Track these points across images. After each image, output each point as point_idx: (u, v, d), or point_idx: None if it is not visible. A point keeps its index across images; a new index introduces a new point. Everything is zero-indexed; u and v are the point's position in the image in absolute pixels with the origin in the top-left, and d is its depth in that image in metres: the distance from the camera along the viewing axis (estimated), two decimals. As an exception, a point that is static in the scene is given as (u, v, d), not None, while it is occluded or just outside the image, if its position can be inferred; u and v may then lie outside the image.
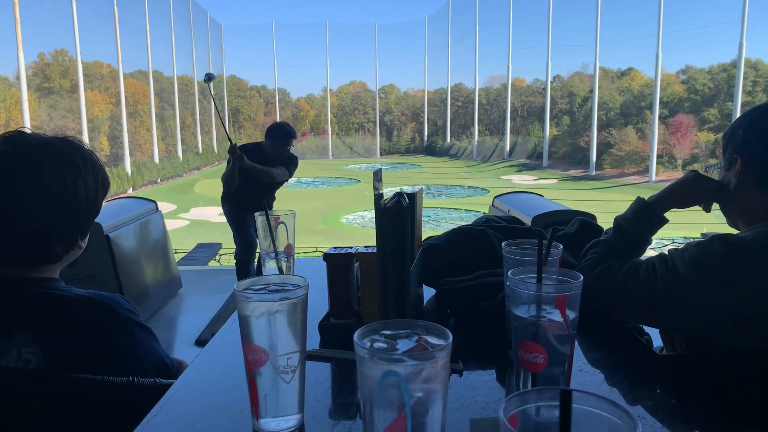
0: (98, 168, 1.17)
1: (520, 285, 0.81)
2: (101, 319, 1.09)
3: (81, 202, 1.12)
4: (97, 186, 1.16)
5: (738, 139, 1.19)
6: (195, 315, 4.59)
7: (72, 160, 1.12)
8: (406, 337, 0.62)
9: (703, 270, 1.10)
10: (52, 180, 1.08)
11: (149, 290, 4.59)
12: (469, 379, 0.97)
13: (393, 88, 52.26)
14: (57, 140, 1.14)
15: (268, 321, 0.78)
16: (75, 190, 1.11)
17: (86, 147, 1.18)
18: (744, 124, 1.19)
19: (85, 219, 1.15)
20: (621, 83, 38.50)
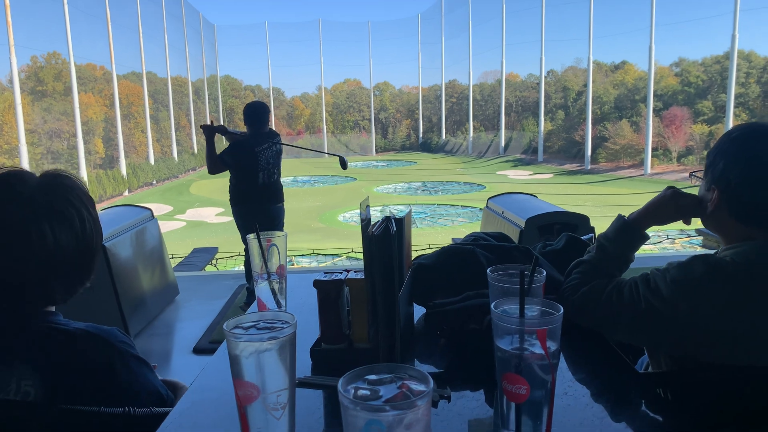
0: (88, 207, 1.17)
1: (503, 318, 0.84)
2: (99, 352, 1.11)
3: (85, 239, 1.13)
4: (87, 226, 1.14)
5: (718, 171, 1.20)
6: (192, 322, 4.61)
7: (57, 208, 1.11)
8: (389, 382, 0.64)
9: (684, 290, 1.12)
10: (34, 232, 1.07)
11: (146, 298, 4.60)
12: (457, 406, 0.99)
13: (387, 86, 52.26)
14: (41, 186, 1.12)
15: (257, 360, 0.80)
16: (63, 237, 1.11)
17: (73, 184, 1.17)
18: (726, 155, 1.20)
19: (89, 255, 1.17)
20: (615, 77, 38.56)
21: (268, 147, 4.84)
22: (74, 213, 1.13)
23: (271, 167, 4.87)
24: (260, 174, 4.82)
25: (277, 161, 4.93)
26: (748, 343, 1.11)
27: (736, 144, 1.20)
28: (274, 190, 4.95)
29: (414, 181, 31.60)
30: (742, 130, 1.23)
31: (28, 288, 1.11)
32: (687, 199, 1.29)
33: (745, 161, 1.17)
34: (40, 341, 1.10)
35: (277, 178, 4.96)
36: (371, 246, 1.08)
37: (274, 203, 4.95)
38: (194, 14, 42.63)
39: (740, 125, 1.26)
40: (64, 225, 1.11)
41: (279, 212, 5.00)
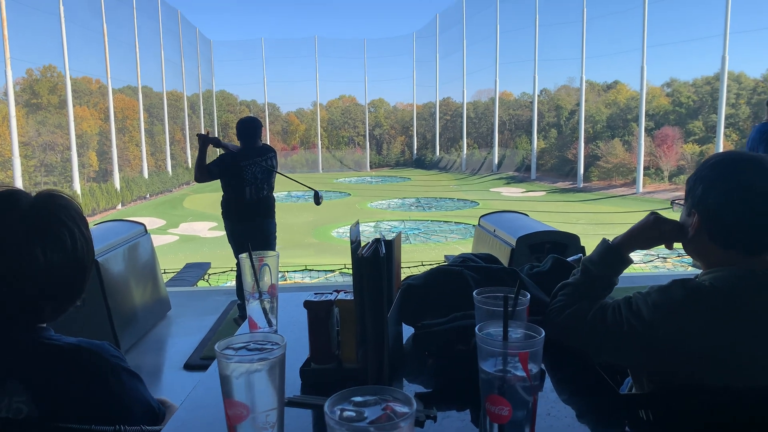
0: (86, 221, 1.20)
1: (486, 341, 0.87)
2: (90, 366, 1.13)
3: (76, 258, 1.15)
4: (79, 246, 1.16)
5: (697, 195, 1.24)
6: (184, 338, 4.60)
7: (50, 229, 1.12)
8: (374, 404, 0.67)
9: (664, 314, 1.15)
10: (24, 253, 1.09)
11: (138, 314, 4.59)
12: (443, 426, 1.01)
13: (382, 103, 52.57)
14: (34, 206, 1.14)
15: (247, 380, 0.82)
16: (55, 259, 1.13)
17: (67, 203, 1.18)
18: (705, 181, 1.24)
19: (81, 274, 1.18)
20: (607, 96, 38.95)
21: (255, 162, 4.89)
22: (66, 233, 1.14)
23: (259, 182, 4.90)
24: (247, 189, 4.86)
25: (266, 177, 4.94)
26: (727, 366, 1.14)
27: (714, 170, 1.24)
28: (265, 206, 4.96)
29: (408, 197, 31.69)
30: (720, 157, 1.27)
31: (17, 307, 1.13)
32: (669, 224, 1.33)
33: (722, 186, 1.21)
34: (32, 358, 1.11)
35: (267, 194, 4.98)
36: (361, 268, 1.11)
37: (263, 218, 4.96)
38: (191, 30, 42.88)
39: (717, 153, 1.31)
40: (56, 245, 1.12)
41: (269, 228, 5.01)
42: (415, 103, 50.13)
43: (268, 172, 4.93)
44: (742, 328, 1.13)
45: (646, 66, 30.93)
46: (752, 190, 1.18)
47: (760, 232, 1.19)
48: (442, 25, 46.02)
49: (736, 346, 1.13)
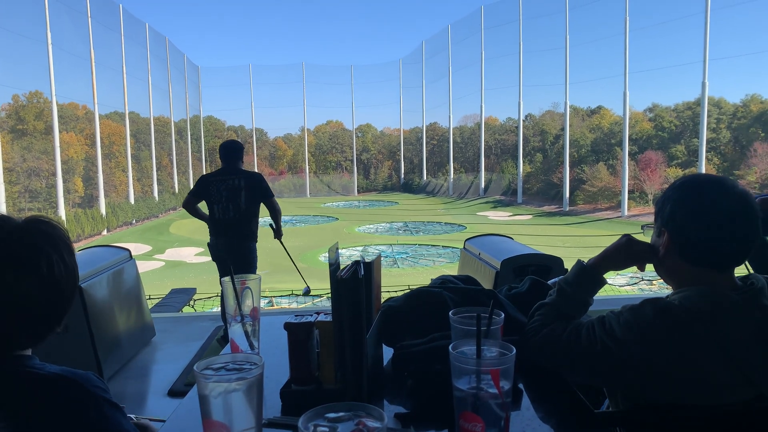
0: (70, 248, 1.21)
1: (459, 359, 0.89)
2: (72, 396, 1.13)
3: (70, 285, 1.16)
4: (57, 275, 1.15)
5: (666, 215, 1.29)
6: (168, 365, 4.55)
7: (25, 257, 1.11)
8: (347, 419, 0.69)
9: (635, 333, 1.19)
10: (26, 261, 1.11)
11: (122, 340, 4.55)
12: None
13: (369, 128, 52.94)
14: (13, 234, 1.13)
15: (225, 400, 0.84)
16: (63, 274, 1.14)
17: (49, 231, 1.17)
18: (672, 200, 1.29)
19: (59, 301, 1.18)
20: (591, 121, 39.55)
21: (222, 180, 5.03)
22: (43, 261, 1.13)
23: (224, 201, 4.99)
24: (215, 207, 5.03)
25: (232, 196, 5.01)
26: (694, 384, 1.17)
27: (680, 190, 1.29)
28: (234, 227, 5.03)
29: (395, 221, 31.77)
30: (686, 179, 1.32)
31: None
32: (641, 246, 1.37)
33: (689, 204, 1.26)
34: (13, 386, 1.12)
35: (234, 215, 5.02)
36: (339, 289, 1.13)
37: (233, 239, 5.02)
38: (179, 56, 43.11)
39: (683, 176, 1.36)
40: (31, 273, 1.11)
41: (242, 250, 5.05)
42: (402, 128, 50.58)
43: (233, 191, 5.00)
44: (708, 347, 1.16)
45: (628, 91, 31.56)
46: (716, 208, 1.23)
47: (725, 248, 1.23)
48: (428, 51, 46.70)
49: (702, 364, 1.16)
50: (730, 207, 1.22)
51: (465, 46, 42.45)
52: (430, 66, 46.62)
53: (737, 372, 1.16)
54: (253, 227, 5.16)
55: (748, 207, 1.22)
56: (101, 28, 30.97)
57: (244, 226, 5.08)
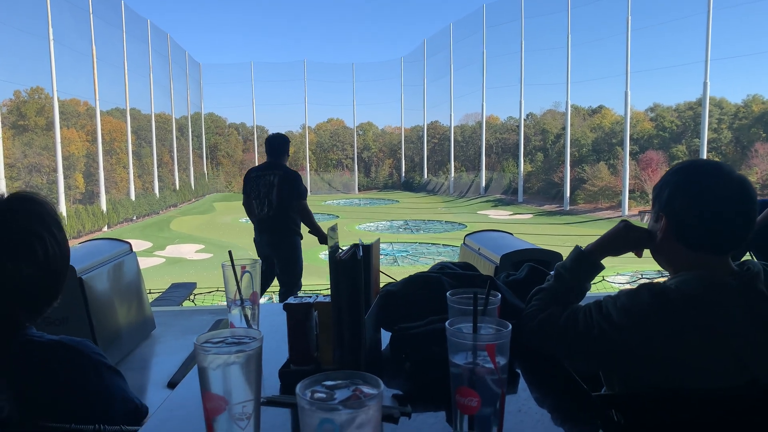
0: (58, 222, 1.21)
1: (456, 335, 0.90)
2: (72, 362, 1.14)
3: (49, 264, 1.17)
4: (50, 252, 1.16)
5: (663, 200, 1.30)
6: (168, 357, 4.55)
7: (20, 242, 1.13)
8: (344, 387, 0.70)
9: (632, 317, 1.20)
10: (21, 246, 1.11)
11: (122, 332, 4.55)
12: (417, 422, 1.04)
13: (371, 126, 52.92)
14: (13, 202, 1.15)
15: (224, 372, 0.85)
16: (56, 252, 1.15)
17: (39, 211, 1.17)
18: (670, 185, 1.30)
19: (55, 278, 1.19)
20: (592, 121, 39.52)
21: (260, 176, 5.00)
22: (37, 243, 1.14)
23: (261, 197, 4.99)
24: (254, 202, 5.09)
25: (267, 192, 5.02)
26: (691, 368, 1.18)
27: (678, 175, 1.30)
28: (270, 223, 5.06)
29: (396, 219, 31.77)
30: (684, 164, 1.33)
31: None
32: (638, 232, 1.38)
33: (686, 189, 1.27)
34: (14, 355, 1.13)
35: (269, 211, 5.04)
36: (338, 270, 1.14)
37: (275, 236, 5.04)
38: (180, 52, 43.10)
39: (680, 162, 1.37)
40: (27, 257, 1.13)
41: (287, 247, 5.10)
42: (403, 127, 50.54)
43: (268, 187, 5.00)
44: (703, 331, 1.17)
45: (630, 91, 31.50)
46: (713, 192, 1.24)
47: (723, 232, 1.24)
48: (429, 50, 46.67)
49: (697, 348, 1.17)
50: (728, 191, 1.23)
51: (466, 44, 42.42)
52: (431, 64, 46.62)
53: (732, 356, 1.17)
54: (290, 223, 5.12)
55: (745, 191, 1.23)
56: (103, 25, 30.96)
57: (280, 222, 5.08)
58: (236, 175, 47.36)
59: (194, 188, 41.71)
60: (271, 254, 5.08)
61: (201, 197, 41.77)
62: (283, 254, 5.05)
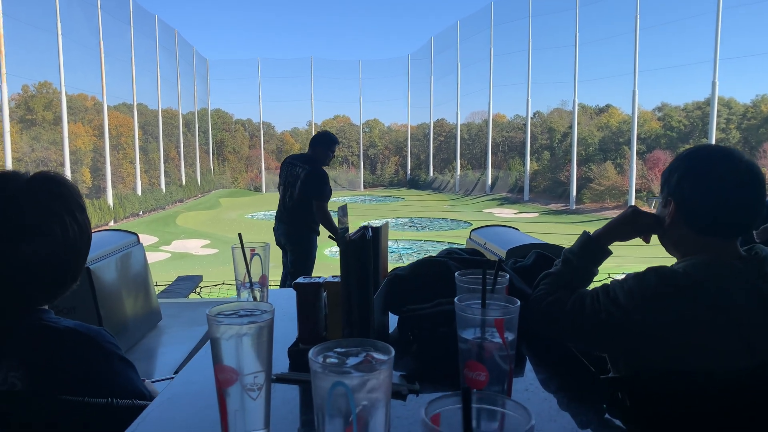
0: (81, 204, 1.23)
1: (465, 310, 0.91)
2: (85, 350, 1.16)
3: (83, 242, 1.18)
4: (71, 235, 1.17)
5: (673, 183, 1.31)
6: (174, 347, 4.58)
7: (40, 224, 1.14)
8: (355, 354, 0.71)
9: (639, 300, 1.20)
10: (10, 249, 1.12)
11: (129, 322, 4.58)
12: (425, 399, 1.05)
13: (377, 123, 52.87)
14: (41, 185, 1.16)
15: (236, 343, 0.86)
16: (77, 233, 1.17)
17: (60, 192, 1.19)
18: (680, 170, 1.30)
19: (74, 261, 1.21)
20: (599, 120, 39.36)
21: (290, 164, 5.16)
22: (57, 226, 1.15)
23: (286, 186, 5.12)
24: (280, 188, 5.23)
25: (291, 183, 5.11)
26: (698, 351, 1.19)
27: (688, 160, 1.31)
28: (289, 213, 5.14)
29: (401, 216, 31.74)
30: (693, 149, 1.34)
31: (6, 295, 1.15)
32: (647, 217, 1.38)
33: (696, 174, 1.27)
34: (29, 337, 1.15)
35: (290, 202, 5.13)
36: (347, 250, 1.15)
37: (292, 227, 5.12)
38: (188, 48, 43.17)
39: (690, 147, 1.38)
40: (46, 240, 1.13)
41: (302, 240, 5.14)
42: (410, 124, 50.49)
43: (293, 178, 5.07)
44: (710, 313, 1.18)
45: (637, 90, 31.35)
46: (724, 177, 1.24)
47: (732, 217, 1.25)
48: (436, 47, 46.58)
49: (705, 331, 1.18)
50: (738, 176, 1.24)
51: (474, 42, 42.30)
52: (438, 62, 46.52)
53: (738, 338, 1.17)
54: (308, 219, 5.12)
55: (754, 177, 1.24)
56: (111, 20, 31.04)
57: (298, 216, 5.12)
58: (242, 171, 47.44)
59: (200, 184, 41.80)
60: (285, 245, 5.13)
61: (207, 193, 41.86)
62: (295, 248, 5.10)
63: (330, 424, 0.66)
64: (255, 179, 47.20)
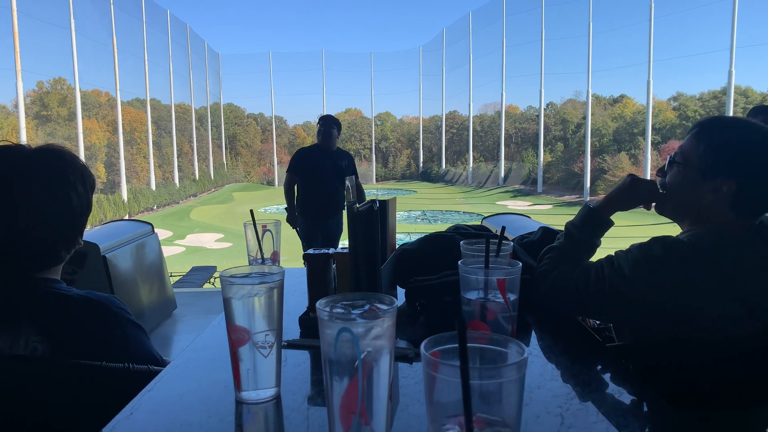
0: (84, 170, 1.29)
1: (469, 272, 0.94)
2: (98, 315, 1.20)
3: (75, 207, 1.24)
4: (87, 188, 1.26)
5: (720, 161, 1.27)
6: (189, 335, 4.66)
7: (61, 170, 1.22)
8: (361, 306, 0.74)
9: (644, 270, 1.22)
10: (45, 192, 1.19)
11: (144, 310, 4.66)
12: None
13: (389, 116, 52.82)
14: (42, 152, 1.24)
15: (248, 303, 0.90)
16: (68, 197, 1.22)
17: (70, 152, 1.28)
18: (729, 149, 1.27)
19: (80, 220, 1.27)
20: (613, 110, 39.02)
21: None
22: (59, 193, 1.21)
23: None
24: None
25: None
26: (702, 318, 1.20)
27: (746, 145, 1.28)
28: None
29: (414, 209, 31.74)
30: (740, 125, 1.31)
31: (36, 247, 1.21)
32: (647, 183, 1.39)
33: (760, 154, 1.26)
34: (45, 304, 1.19)
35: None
36: (355, 221, 1.19)
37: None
38: (200, 43, 43.36)
39: (723, 119, 1.38)
40: (49, 205, 1.20)
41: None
42: (422, 117, 50.37)
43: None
44: (713, 279, 1.19)
45: (652, 80, 31.04)
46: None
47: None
48: (448, 39, 46.37)
49: (708, 298, 1.19)
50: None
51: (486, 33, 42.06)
52: (450, 53, 46.32)
53: (742, 305, 1.19)
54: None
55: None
56: (123, 16, 31.25)
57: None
58: (255, 165, 47.64)
59: (213, 178, 42.07)
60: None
61: (220, 187, 42.13)
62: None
63: (337, 369, 0.70)
64: (268, 173, 47.39)
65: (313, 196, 5.49)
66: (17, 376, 1.12)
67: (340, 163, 5.61)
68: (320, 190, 5.49)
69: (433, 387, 0.57)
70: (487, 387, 0.55)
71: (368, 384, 0.70)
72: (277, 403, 0.92)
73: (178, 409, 0.92)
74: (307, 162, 5.52)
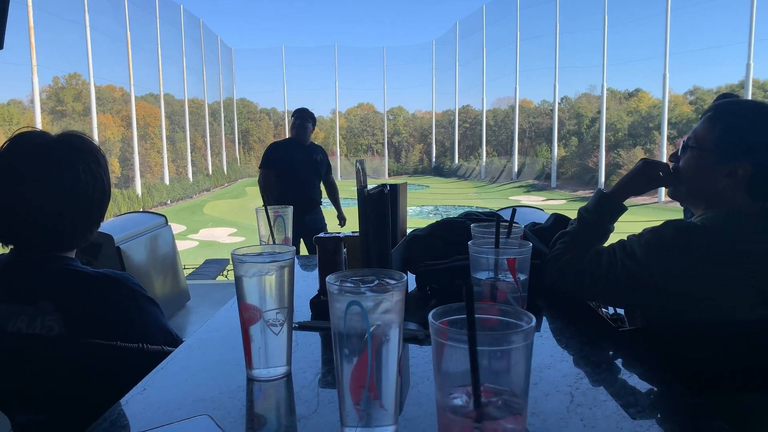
0: (101, 156, 1.31)
1: (479, 252, 0.94)
2: (114, 292, 1.22)
3: (91, 191, 1.26)
4: (102, 173, 1.29)
5: (745, 143, 1.26)
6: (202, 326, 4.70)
7: (81, 156, 1.25)
8: (370, 282, 0.75)
9: (656, 253, 1.21)
10: (67, 176, 1.21)
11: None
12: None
13: (401, 110, 52.74)
14: (63, 139, 1.27)
15: (259, 280, 0.91)
16: (90, 182, 1.24)
17: (89, 139, 1.31)
18: (749, 132, 1.26)
19: (98, 207, 1.29)
20: (629, 104, 38.64)
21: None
22: (68, 174, 1.23)
23: None
24: None
25: None
26: (715, 301, 1.20)
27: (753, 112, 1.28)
28: None
29: (426, 204, 31.68)
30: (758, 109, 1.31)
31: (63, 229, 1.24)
32: (660, 166, 1.38)
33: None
34: (62, 282, 1.21)
35: None
36: (366, 204, 1.19)
37: None
38: (213, 38, 43.53)
39: (738, 101, 1.37)
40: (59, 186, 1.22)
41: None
42: (434, 111, 50.23)
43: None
44: (725, 262, 1.18)
45: (668, 74, 30.68)
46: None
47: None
48: (461, 32, 46.14)
49: (720, 281, 1.18)
50: None
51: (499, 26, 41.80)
52: (463, 47, 46.09)
53: (754, 289, 1.18)
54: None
55: None
56: (137, 11, 31.42)
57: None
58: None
59: (227, 173, 42.29)
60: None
61: (233, 182, 42.34)
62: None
63: (347, 343, 0.70)
64: (281, 168, 47.43)
65: (289, 191, 5.41)
66: (34, 354, 1.14)
67: (315, 157, 5.55)
68: (296, 184, 5.43)
69: (441, 355, 0.57)
70: (495, 354, 0.55)
71: (377, 358, 0.70)
72: (287, 381, 0.93)
73: (190, 385, 0.93)
74: (282, 156, 5.44)
